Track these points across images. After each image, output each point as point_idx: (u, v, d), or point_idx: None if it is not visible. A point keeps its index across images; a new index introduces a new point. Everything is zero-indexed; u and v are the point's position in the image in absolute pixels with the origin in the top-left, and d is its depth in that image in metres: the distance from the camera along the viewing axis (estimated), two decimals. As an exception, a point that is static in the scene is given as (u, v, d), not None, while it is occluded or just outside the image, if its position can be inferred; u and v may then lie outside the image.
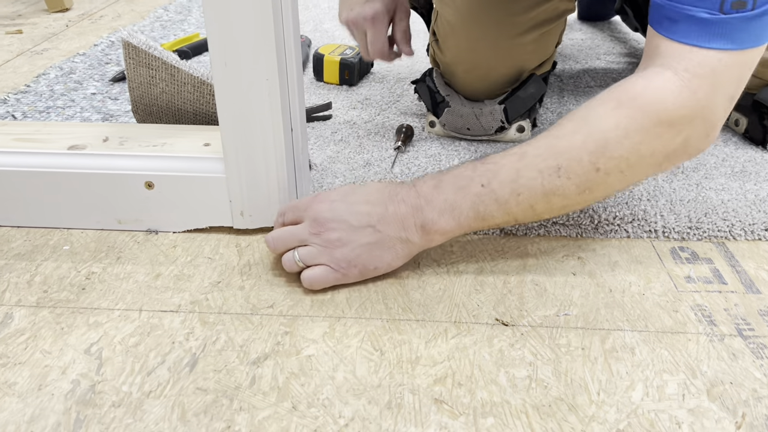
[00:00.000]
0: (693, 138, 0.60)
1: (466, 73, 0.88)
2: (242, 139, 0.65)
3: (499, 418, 0.49)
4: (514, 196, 0.60)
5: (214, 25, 0.59)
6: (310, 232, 0.62)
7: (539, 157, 0.60)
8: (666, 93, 0.58)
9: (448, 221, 0.61)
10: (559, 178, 0.59)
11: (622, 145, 0.58)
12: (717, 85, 0.58)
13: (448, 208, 0.61)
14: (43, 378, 0.53)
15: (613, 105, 0.60)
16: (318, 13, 1.56)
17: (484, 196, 0.60)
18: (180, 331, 0.58)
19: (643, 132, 0.58)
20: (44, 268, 0.66)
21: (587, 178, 0.59)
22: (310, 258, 0.62)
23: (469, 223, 0.61)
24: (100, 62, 1.23)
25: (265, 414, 0.50)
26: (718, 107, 0.59)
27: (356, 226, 0.61)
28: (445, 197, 0.61)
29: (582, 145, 0.59)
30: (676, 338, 0.57)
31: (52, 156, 0.70)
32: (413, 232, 0.61)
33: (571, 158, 0.59)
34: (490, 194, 0.60)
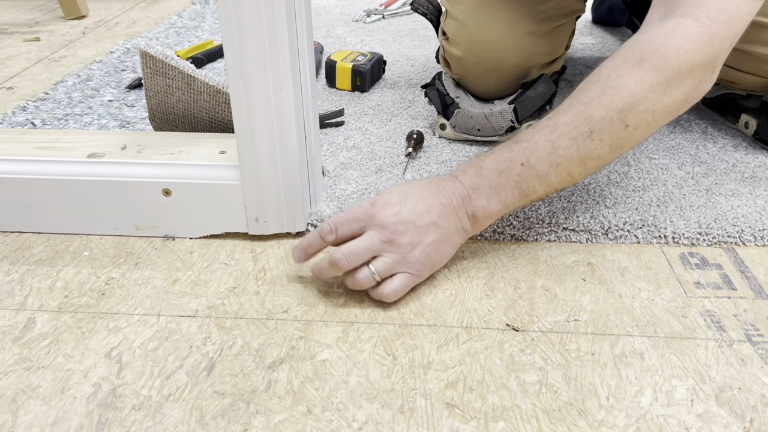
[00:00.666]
0: (704, 82, 0.64)
1: (477, 65, 0.90)
2: (257, 147, 0.67)
3: (509, 422, 0.50)
4: (553, 168, 0.63)
5: (230, 38, 0.61)
6: (381, 240, 0.61)
7: (570, 125, 0.62)
8: (686, 42, 0.61)
9: (495, 205, 0.63)
10: (592, 142, 0.62)
11: (648, 98, 0.61)
12: (730, 31, 0.62)
13: (494, 193, 0.63)
14: (65, 381, 0.55)
15: (635, 60, 0.62)
16: (330, 19, 1.58)
17: (525, 174, 0.63)
18: (197, 335, 0.59)
19: (665, 84, 0.61)
20: (65, 273, 0.68)
21: (618, 137, 0.62)
22: (387, 269, 0.61)
23: (514, 202, 0.64)
24: (116, 69, 1.26)
25: (280, 417, 0.51)
26: (725, 52, 0.63)
27: (421, 226, 0.62)
28: (489, 183, 0.63)
29: (610, 105, 0.62)
30: (685, 344, 0.58)
31: (71, 164, 0.72)
32: (466, 221, 0.64)
33: (602, 120, 0.62)
34: (530, 171, 0.63)
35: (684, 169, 0.84)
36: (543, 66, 0.92)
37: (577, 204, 0.76)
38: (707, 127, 0.95)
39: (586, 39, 1.39)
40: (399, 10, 1.60)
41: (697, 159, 0.86)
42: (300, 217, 0.72)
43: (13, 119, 1.03)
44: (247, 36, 0.60)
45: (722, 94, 0.94)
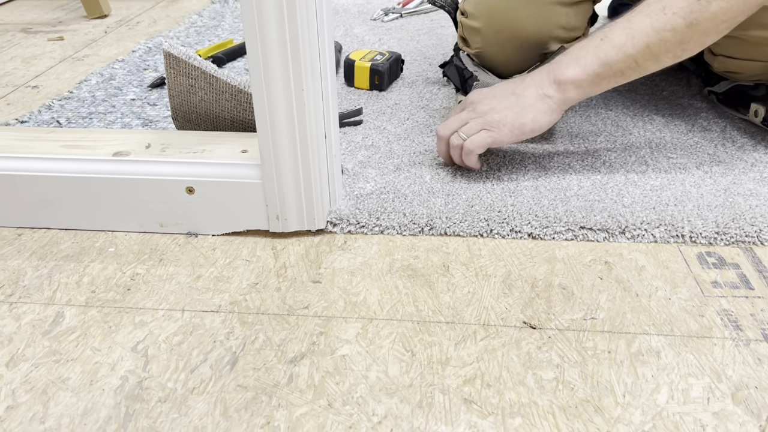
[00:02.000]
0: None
1: (497, 34, 0.92)
2: (278, 146, 0.68)
3: (526, 418, 0.51)
4: (629, 39, 0.71)
5: (253, 40, 0.62)
6: (467, 113, 0.79)
7: (645, 5, 0.71)
8: None
9: (575, 70, 0.73)
10: (665, 15, 0.69)
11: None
12: None
13: (573, 61, 0.74)
14: (93, 374, 0.56)
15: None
16: (348, 18, 1.59)
17: (602, 44, 0.72)
18: (221, 330, 0.61)
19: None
20: (91, 269, 0.70)
21: (692, 9, 0.69)
22: (469, 130, 0.78)
23: (594, 69, 0.73)
24: (138, 68, 1.28)
25: (302, 411, 0.52)
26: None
27: (500, 96, 0.78)
28: (570, 55, 0.75)
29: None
30: (701, 343, 0.58)
31: (97, 162, 0.74)
32: (548, 87, 0.75)
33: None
34: (607, 42, 0.72)
35: (702, 169, 0.84)
36: (562, 41, 0.92)
37: (594, 203, 0.77)
38: (726, 126, 0.95)
39: (604, 37, 1.38)
40: (417, 8, 1.60)
41: (715, 158, 0.86)
42: (320, 214, 0.73)
43: (39, 117, 1.06)
44: (269, 38, 0.61)
45: (732, 87, 0.94)
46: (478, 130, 0.78)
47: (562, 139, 0.93)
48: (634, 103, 1.05)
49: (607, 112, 1.02)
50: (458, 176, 0.84)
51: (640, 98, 1.06)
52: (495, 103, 0.77)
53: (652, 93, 1.08)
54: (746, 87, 0.92)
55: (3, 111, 1.10)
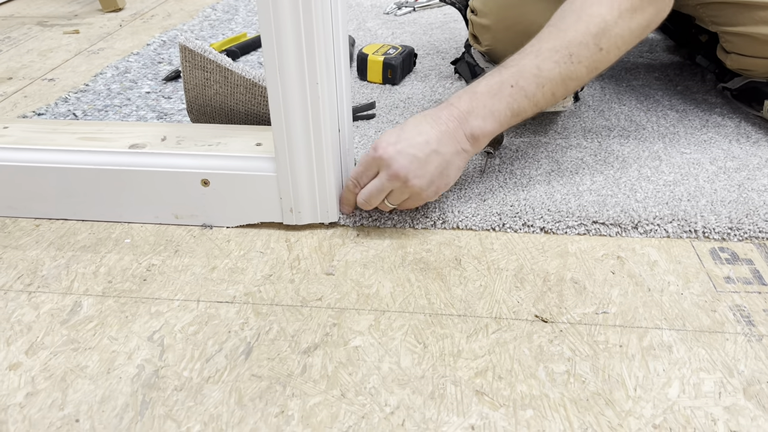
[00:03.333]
0: (662, 9, 0.74)
1: (507, 30, 0.91)
2: (292, 139, 0.68)
3: (538, 410, 0.52)
4: (539, 89, 0.70)
5: (268, 35, 0.62)
6: (389, 179, 0.69)
7: (552, 50, 0.70)
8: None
9: (491, 124, 0.71)
10: (572, 65, 0.70)
11: (618, 24, 0.70)
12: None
13: (488, 114, 0.70)
14: (111, 362, 0.57)
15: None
16: (361, 12, 1.59)
17: (515, 95, 0.70)
18: (235, 321, 0.62)
19: (632, 11, 0.71)
20: (108, 259, 0.71)
21: (594, 59, 0.71)
22: (398, 199, 0.72)
23: (507, 120, 0.71)
24: (153, 61, 1.29)
25: (315, 400, 0.53)
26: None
27: (422, 157, 0.69)
28: (483, 104, 0.70)
29: (586, 31, 0.70)
30: (713, 338, 0.58)
31: (114, 154, 0.74)
32: (465, 142, 0.71)
33: (579, 45, 0.70)
34: (520, 92, 0.70)
35: (716, 164, 0.84)
36: None
37: (607, 197, 0.77)
38: (741, 121, 0.95)
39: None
40: (430, 2, 1.60)
41: (729, 154, 0.86)
42: (333, 207, 0.74)
43: (55, 110, 1.07)
44: (284, 33, 0.62)
45: (745, 84, 0.94)
46: (405, 197, 0.71)
47: (575, 133, 0.93)
48: (648, 98, 1.04)
49: (621, 107, 1.01)
50: (470, 170, 0.84)
51: (654, 93, 1.06)
52: (420, 168, 0.68)
53: (666, 88, 1.07)
54: (760, 83, 0.92)
55: (20, 103, 1.12)
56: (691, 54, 1.17)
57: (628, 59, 1.21)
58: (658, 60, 1.20)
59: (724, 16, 0.89)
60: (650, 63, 1.19)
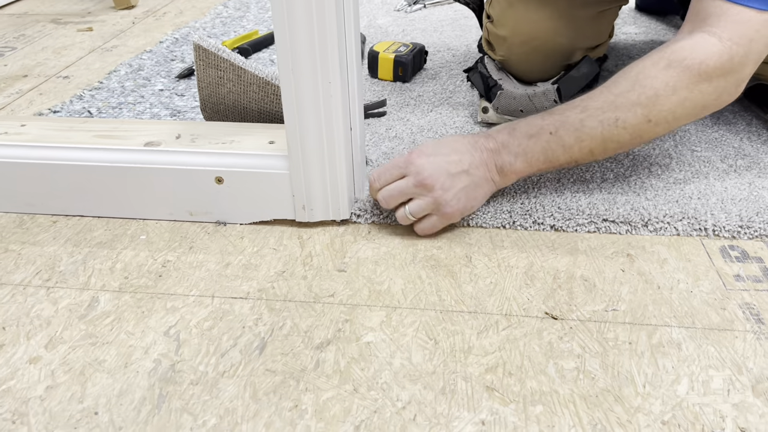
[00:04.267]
0: (726, 93, 0.71)
1: (523, 44, 0.91)
2: (305, 138, 0.69)
3: (547, 406, 0.52)
4: (578, 143, 0.71)
5: (282, 35, 0.63)
6: (415, 185, 0.70)
7: (599, 110, 0.70)
8: (709, 58, 0.68)
9: (521, 164, 0.72)
10: (616, 128, 0.70)
11: (670, 100, 0.69)
12: (750, 51, 0.69)
13: (521, 153, 0.71)
14: (128, 357, 0.58)
15: (663, 65, 0.70)
16: (372, 9, 1.59)
17: (552, 142, 0.71)
18: (249, 316, 0.63)
19: (688, 89, 0.69)
20: (124, 255, 0.72)
21: (639, 128, 0.70)
22: (419, 211, 0.71)
23: (538, 165, 0.72)
24: (166, 59, 1.30)
25: (329, 395, 0.54)
26: (747, 68, 0.70)
27: (453, 173, 0.70)
28: (518, 143, 0.72)
29: (636, 100, 0.69)
30: (723, 335, 0.59)
31: (130, 152, 0.76)
32: (495, 173, 0.72)
33: (628, 111, 0.70)
34: (557, 141, 0.71)
35: (726, 162, 0.84)
36: (587, 50, 0.93)
37: (617, 195, 0.77)
38: (752, 119, 0.95)
39: (629, 28, 1.37)
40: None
41: (740, 152, 0.86)
42: (345, 205, 0.75)
43: (70, 107, 1.08)
44: (298, 33, 0.63)
45: (755, 85, 0.94)
46: (428, 211, 0.71)
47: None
48: (659, 95, 1.04)
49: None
50: (481, 168, 0.84)
51: (665, 90, 1.06)
52: (449, 182, 0.69)
53: (677, 85, 1.07)
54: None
55: (36, 101, 1.13)
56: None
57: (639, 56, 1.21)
58: (670, 57, 1.20)
59: None
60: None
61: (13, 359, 0.58)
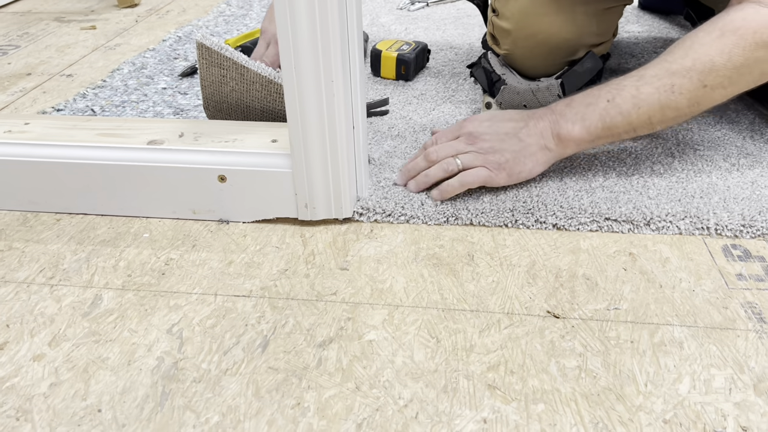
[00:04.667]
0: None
1: (527, 38, 0.91)
2: (308, 136, 0.69)
3: (549, 404, 0.53)
4: (635, 109, 0.73)
5: (284, 34, 0.63)
6: (467, 143, 0.76)
7: (656, 77, 0.73)
8: (762, 26, 0.70)
9: (579, 130, 0.74)
10: (673, 94, 0.72)
11: (726, 66, 0.71)
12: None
13: (579, 119, 0.74)
14: (131, 354, 0.59)
15: (717, 35, 0.72)
16: (374, 7, 1.59)
17: (609, 109, 0.73)
18: (252, 314, 0.63)
19: (743, 56, 0.70)
20: (127, 254, 0.72)
21: (696, 94, 0.72)
22: (469, 162, 0.76)
23: (597, 132, 0.74)
24: (169, 57, 1.30)
25: (331, 393, 0.54)
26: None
27: (503, 135, 0.76)
28: (576, 110, 0.75)
29: (692, 66, 0.71)
30: (724, 334, 0.59)
31: (133, 150, 0.76)
32: (550, 140, 0.75)
33: (684, 77, 0.71)
34: (614, 107, 0.73)
35: (729, 161, 0.84)
36: (590, 47, 0.93)
37: (619, 194, 0.77)
38: (755, 118, 0.95)
39: (632, 27, 1.37)
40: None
41: (743, 151, 0.86)
42: (347, 203, 0.75)
43: (74, 106, 1.09)
44: (300, 32, 0.63)
45: None
46: (475, 164, 0.75)
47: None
48: (662, 94, 1.04)
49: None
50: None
51: (668, 89, 1.05)
52: (497, 143, 0.76)
53: (680, 84, 1.07)
54: None
55: (39, 99, 1.13)
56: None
57: (642, 56, 1.21)
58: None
59: None
60: (664, 59, 1.18)
61: (17, 356, 0.59)
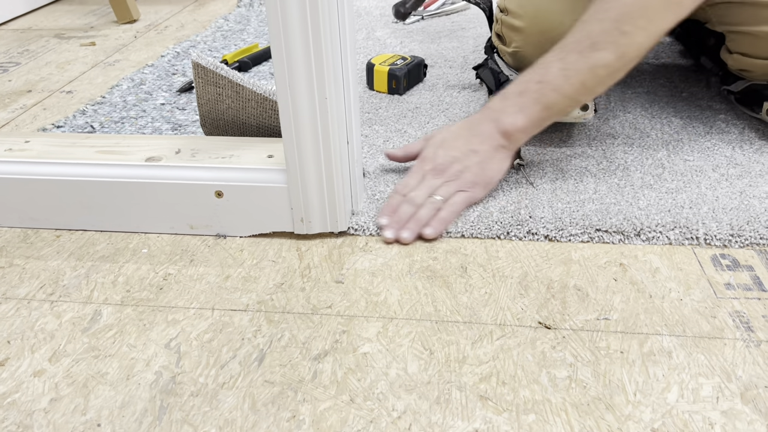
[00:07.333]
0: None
1: (540, 34, 0.91)
2: (303, 152, 0.71)
3: (540, 414, 0.54)
4: (566, 81, 0.74)
5: (278, 53, 0.65)
6: (435, 177, 0.79)
7: (574, 42, 0.75)
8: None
9: (522, 120, 0.77)
10: (597, 51, 0.73)
11: (636, 6, 0.71)
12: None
13: (518, 110, 0.77)
14: (130, 369, 0.60)
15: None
16: (370, 21, 1.61)
17: (542, 90, 0.76)
18: (249, 328, 0.64)
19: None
20: (126, 269, 0.74)
21: (618, 43, 0.72)
22: (448, 192, 0.78)
23: (539, 115, 0.77)
24: (167, 73, 1.32)
25: (326, 405, 0.55)
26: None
27: (461, 157, 0.79)
28: (512, 102, 0.78)
29: (605, 16, 0.73)
30: (713, 343, 0.60)
31: (131, 167, 0.77)
32: (500, 138, 0.78)
33: (601, 32, 0.73)
34: (546, 86, 0.75)
35: (718, 171, 0.85)
36: None
37: (610, 205, 0.78)
38: (744, 128, 0.96)
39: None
40: (438, 10, 1.62)
41: (732, 161, 0.87)
42: (342, 217, 0.76)
43: (73, 122, 1.10)
44: (294, 52, 0.64)
45: (747, 86, 0.95)
46: (454, 190, 0.78)
47: (580, 142, 0.95)
48: (653, 104, 1.06)
49: (626, 114, 1.03)
50: (477, 179, 0.86)
51: (659, 99, 1.07)
52: (459, 164, 0.79)
53: (672, 95, 1.09)
54: (760, 86, 0.93)
55: (40, 116, 1.15)
56: (696, 55, 1.18)
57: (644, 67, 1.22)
58: (664, 67, 1.22)
59: (730, 15, 0.90)
60: (656, 70, 1.20)
61: (18, 372, 0.60)
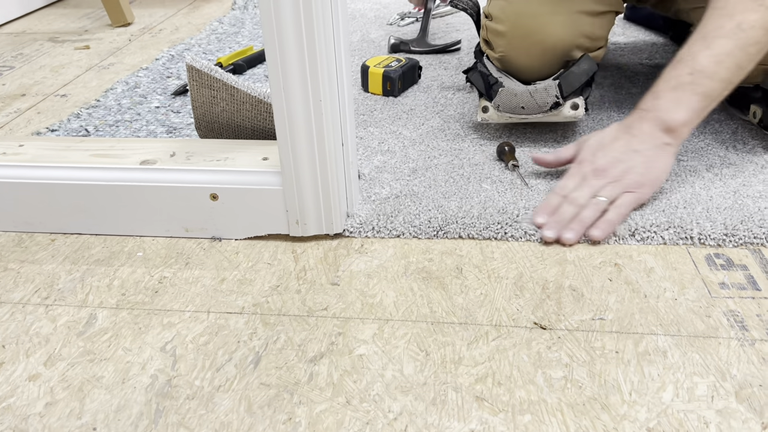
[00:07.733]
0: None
1: (523, 38, 0.91)
2: (297, 154, 0.71)
3: (536, 415, 0.54)
4: (719, 66, 0.74)
5: (272, 56, 0.65)
6: (597, 178, 0.77)
7: (717, 27, 0.74)
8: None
9: (683, 113, 0.76)
10: (743, 31, 0.73)
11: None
12: None
13: (675, 105, 0.76)
14: (125, 372, 0.60)
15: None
16: (365, 23, 1.62)
17: (696, 79, 0.75)
18: (244, 331, 0.64)
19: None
20: (121, 272, 0.74)
21: (765, 18, 0.73)
22: (613, 193, 0.76)
23: (699, 105, 0.76)
24: (162, 76, 1.32)
25: (322, 407, 0.55)
26: None
27: (623, 157, 0.77)
28: (668, 99, 0.77)
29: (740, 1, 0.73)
30: (707, 342, 0.60)
31: (126, 171, 0.77)
32: (664, 136, 0.77)
33: (744, 11, 0.73)
34: (699, 76, 0.75)
35: (712, 171, 0.85)
36: (585, 49, 0.93)
37: (604, 206, 0.79)
38: (737, 128, 0.96)
39: (618, 39, 1.40)
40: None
41: (726, 160, 0.88)
42: (337, 219, 0.76)
43: (68, 126, 1.10)
44: (288, 54, 0.64)
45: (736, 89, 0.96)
46: (619, 192, 0.76)
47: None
48: (647, 105, 1.06)
49: (620, 114, 1.03)
50: (472, 180, 0.86)
51: (653, 100, 1.07)
52: (621, 165, 0.77)
53: (665, 95, 1.09)
54: (747, 89, 0.94)
55: (34, 120, 1.15)
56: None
57: (627, 66, 1.23)
58: (658, 68, 1.22)
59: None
60: (650, 71, 1.21)
61: (13, 377, 0.60)
